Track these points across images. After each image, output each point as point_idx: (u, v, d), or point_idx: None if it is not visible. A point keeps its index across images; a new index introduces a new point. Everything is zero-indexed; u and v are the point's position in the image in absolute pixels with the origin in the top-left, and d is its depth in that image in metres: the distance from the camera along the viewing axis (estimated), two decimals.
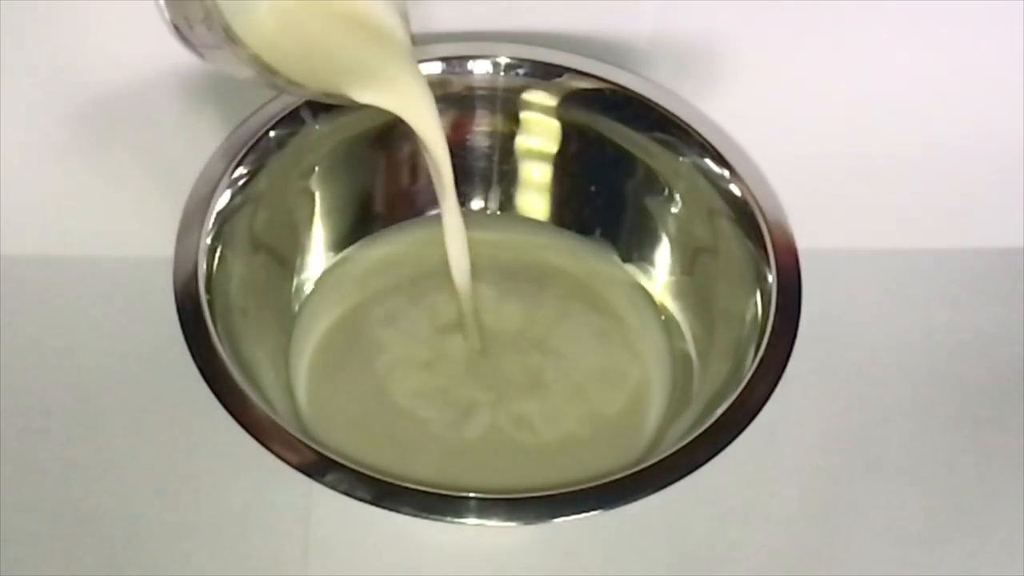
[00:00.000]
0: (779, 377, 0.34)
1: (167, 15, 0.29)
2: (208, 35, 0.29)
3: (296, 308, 0.41)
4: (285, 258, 0.41)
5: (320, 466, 0.31)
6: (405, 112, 0.35)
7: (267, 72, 0.31)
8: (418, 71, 0.35)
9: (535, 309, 0.42)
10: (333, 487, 0.31)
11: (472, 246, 0.39)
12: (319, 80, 0.33)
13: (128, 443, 0.40)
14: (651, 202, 0.42)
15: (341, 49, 0.34)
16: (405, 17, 0.35)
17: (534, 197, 0.44)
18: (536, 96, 0.41)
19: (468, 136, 0.43)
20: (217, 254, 0.36)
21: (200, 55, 0.31)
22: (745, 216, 0.38)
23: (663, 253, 0.42)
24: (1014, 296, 0.47)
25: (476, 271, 0.40)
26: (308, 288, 0.42)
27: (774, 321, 0.35)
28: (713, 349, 0.39)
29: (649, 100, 0.40)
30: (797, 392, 0.40)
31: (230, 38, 0.29)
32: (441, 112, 0.36)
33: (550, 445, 0.39)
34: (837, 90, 0.43)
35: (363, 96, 0.34)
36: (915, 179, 0.46)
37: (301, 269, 0.42)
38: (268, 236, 0.40)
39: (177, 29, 0.30)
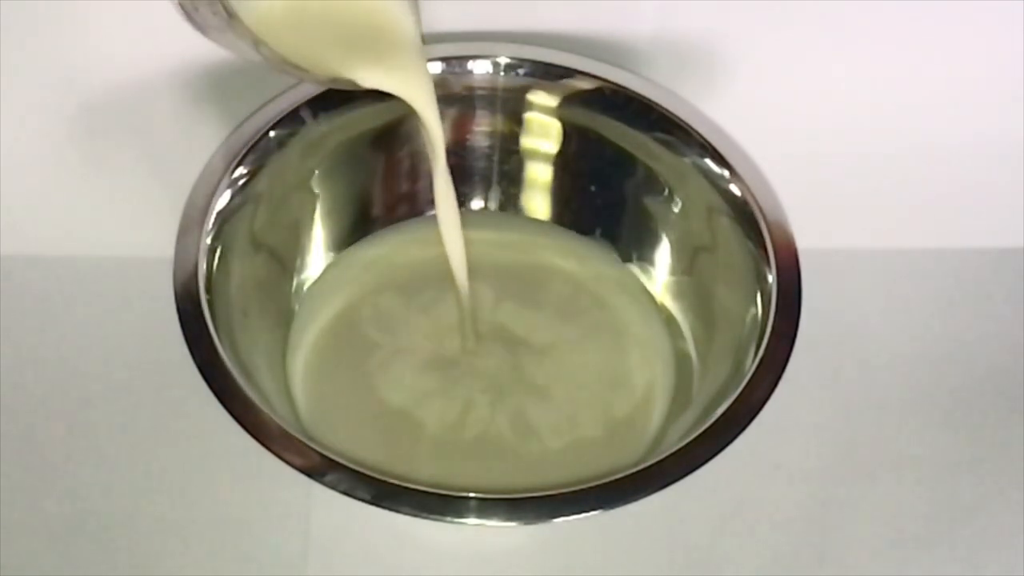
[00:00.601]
0: (779, 377, 0.34)
1: None
2: (213, 18, 0.30)
3: (296, 308, 0.41)
4: (285, 258, 0.41)
5: (320, 466, 0.31)
6: (410, 96, 0.35)
7: (271, 56, 0.31)
8: (423, 57, 0.35)
9: (535, 309, 0.42)
10: (333, 487, 0.31)
11: (472, 246, 0.39)
12: (323, 64, 0.33)
13: (128, 443, 0.40)
14: (651, 202, 0.42)
15: (347, 33, 0.34)
16: (415, 5, 0.35)
17: (534, 197, 0.44)
18: (536, 96, 0.41)
19: (468, 136, 0.43)
20: (217, 254, 0.36)
21: (206, 35, 0.31)
22: (745, 216, 0.38)
23: (663, 253, 0.42)
24: (1014, 296, 0.47)
25: (476, 271, 0.40)
26: (307, 288, 0.42)
27: (774, 321, 0.35)
28: (713, 349, 0.39)
29: (649, 100, 0.40)
30: (797, 392, 0.40)
31: (233, 21, 0.29)
32: (441, 112, 0.36)
33: (550, 445, 0.39)
34: (837, 90, 0.43)
35: (367, 80, 0.34)
36: (915, 179, 0.46)
37: (301, 269, 0.42)
38: (268, 236, 0.40)
39: (183, 9, 0.30)
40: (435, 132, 0.36)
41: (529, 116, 0.42)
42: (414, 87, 0.35)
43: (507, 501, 0.31)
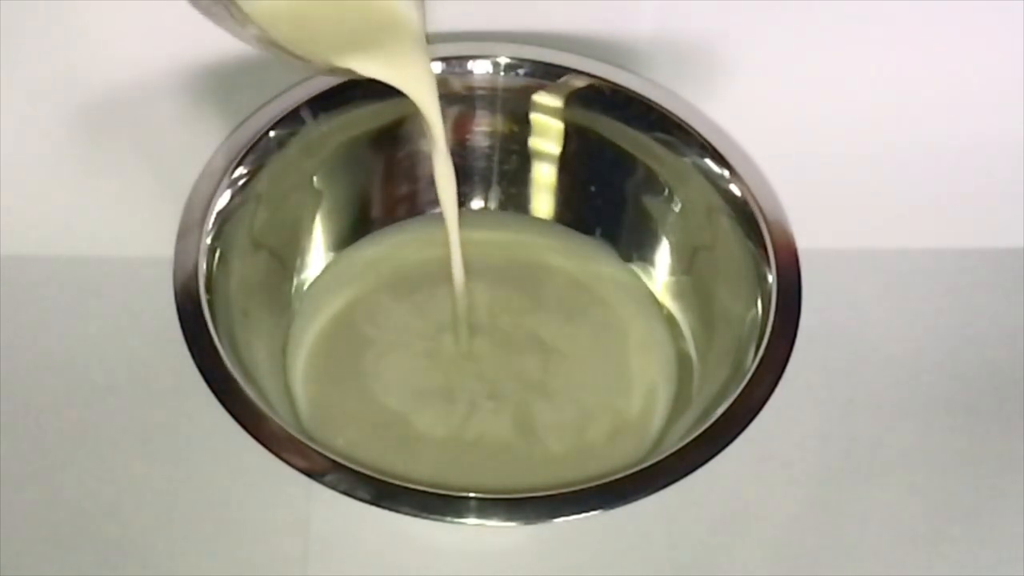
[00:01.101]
0: (779, 377, 0.34)
1: None
2: (215, 6, 0.30)
3: (296, 308, 0.41)
4: (285, 258, 0.41)
5: (321, 466, 0.31)
6: (410, 88, 0.35)
7: (272, 46, 0.31)
8: (425, 50, 0.35)
9: (535, 309, 0.42)
10: (333, 487, 0.31)
11: (472, 245, 0.39)
12: (324, 53, 0.33)
13: (127, 443, 0.40)
14: (651, 202, 0.42)
15: (350, 23, 0.34)
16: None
17: (534, 196, 0.44)
18: (536, 96, 0.41)
19: (468, 136, 0.43)
20: (217, 254, 0.36)
21: (208, 18, 0.31)
22: (745, 216, 0.38)
23: (663, 253, 0.42)
24: (1014, 296, 0.47)
25: (476, 270, 0.40)
26: (308, 288, 0.42)
27: (774, 321, 0.35)
28: (713, 349, 0.39)
29: (649, 100, 0.40)
30: (797, 392, 0.40)
31: (234, 9, 0.30)
32: (442, 112, 0.36)
33: (549, 444, 0.39)
34: (837, 90, 0.43)
35: (369, 70, 0.34)
36: (915, 179, 0.46)
37: (301, 269, 0.42)
38: (268, 236, 0.40)
39: None
40: (435, 122, 0.36)
41: (529, 116, 0.42)
42: (413, 78, 0.35)
43: (507, 501, 0.31)
